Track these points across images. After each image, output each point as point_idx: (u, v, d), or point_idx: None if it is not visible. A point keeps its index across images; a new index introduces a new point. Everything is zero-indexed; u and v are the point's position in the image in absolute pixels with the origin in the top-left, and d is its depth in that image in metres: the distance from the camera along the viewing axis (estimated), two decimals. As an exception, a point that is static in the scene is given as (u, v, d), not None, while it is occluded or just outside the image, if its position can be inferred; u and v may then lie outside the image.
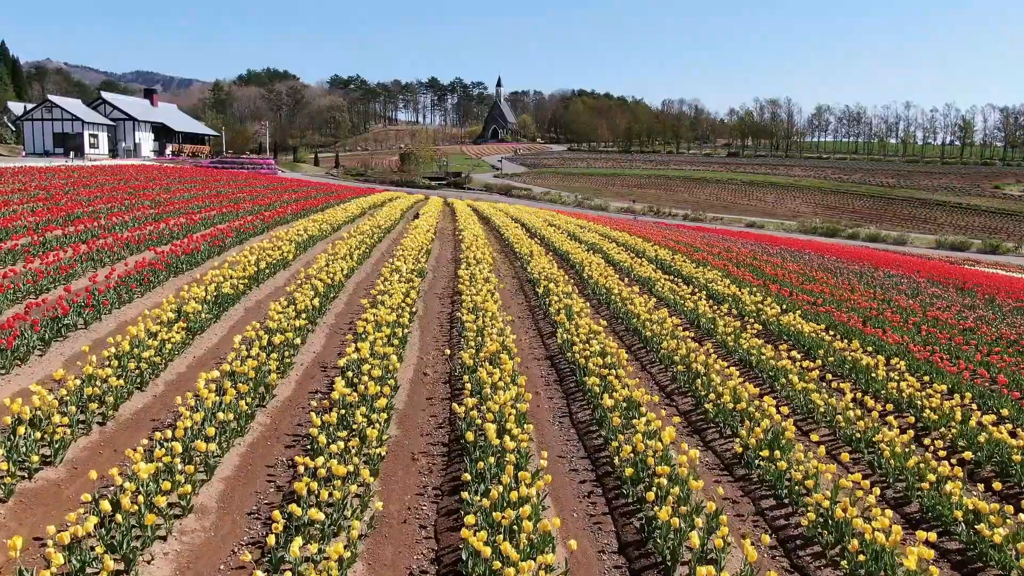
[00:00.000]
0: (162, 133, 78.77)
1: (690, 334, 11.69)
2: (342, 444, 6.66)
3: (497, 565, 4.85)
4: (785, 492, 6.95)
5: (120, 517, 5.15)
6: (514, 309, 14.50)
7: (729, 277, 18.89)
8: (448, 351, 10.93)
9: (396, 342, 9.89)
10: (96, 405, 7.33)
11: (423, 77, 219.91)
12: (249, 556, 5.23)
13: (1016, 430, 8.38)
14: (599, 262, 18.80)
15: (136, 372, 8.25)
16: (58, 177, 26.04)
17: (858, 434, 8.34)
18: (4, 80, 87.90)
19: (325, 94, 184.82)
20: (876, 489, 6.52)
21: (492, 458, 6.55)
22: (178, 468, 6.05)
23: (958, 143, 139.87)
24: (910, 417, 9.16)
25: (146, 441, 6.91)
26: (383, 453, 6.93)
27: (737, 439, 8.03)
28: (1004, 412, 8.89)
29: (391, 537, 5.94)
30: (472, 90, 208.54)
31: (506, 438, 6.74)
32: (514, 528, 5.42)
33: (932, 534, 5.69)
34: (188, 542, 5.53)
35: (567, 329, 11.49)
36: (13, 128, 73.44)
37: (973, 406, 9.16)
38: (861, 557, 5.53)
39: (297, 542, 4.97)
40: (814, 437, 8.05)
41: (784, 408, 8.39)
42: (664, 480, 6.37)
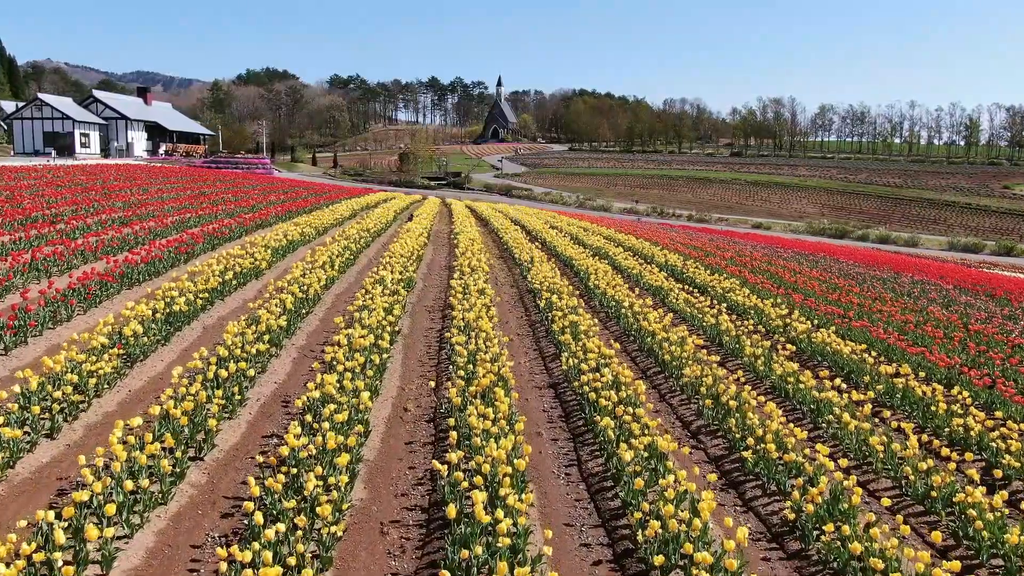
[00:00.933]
0: (156, 132, 77.25)
1: (715, 358, 10.13)
2: (288, 523, 5.12)
3: None
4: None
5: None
6: (512, 324, 12.95)
7: (747, 286, 17.34)
8: (434, 380, 9.37)
9: (371, 372, 8.34)
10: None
11: (423, 77, 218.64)
12: None
13: None
14: (605, 269, 17.25)
15: (46, 416, 6.71)
16: (30, 177, 24.50)
17: (933, 491, 6.79)
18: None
19: (325, 94, 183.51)
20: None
21: (480, 546, 4.98)
22: (57, 565, 4.50)
23: (964, 143, 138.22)
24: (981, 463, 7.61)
25: (41, 513, 5.37)
26: (339, 533, 5.37)
27: (788, 501, 6.48)
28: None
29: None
30: (472, 90, 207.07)
31: (499, 511, 5.19)
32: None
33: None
34: None
35: (573, 352, 9.94)
36: (5, 127, 71.98)
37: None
38: None
39: None
40: (885, 502, 6.48)
41: (843, 460, 6.82)
42: (706, 577, 4.83)
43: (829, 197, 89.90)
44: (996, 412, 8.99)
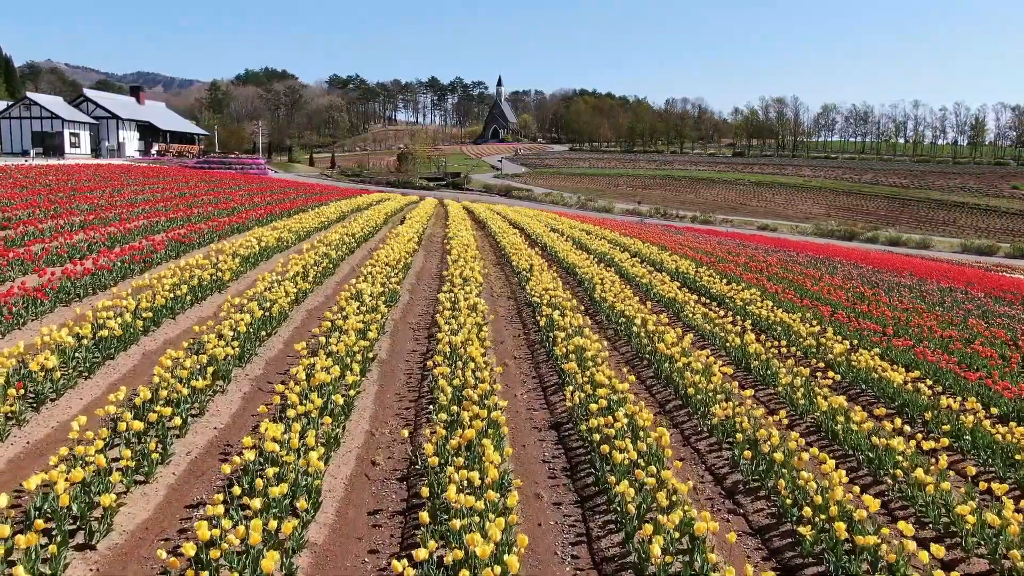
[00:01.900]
0: (149, 132, 75.74)
1: (749, 393, 8.52)
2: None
3: None
4: None
5: None
6: (509, 345, 11.35)
7: (768, 296, 15.74)
8: (412, 422, 7.77)
9: (328, 420, 6.73)
10: None
11: (423, 77, 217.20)
12: None
13: None
14: (612, 278, 15.65)
15: None
16: (-5, 178, 22.95)
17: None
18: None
19: (324, 94, 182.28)
20: None
21: None
22: None
23: (969, 143, 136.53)
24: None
25: None
26: None
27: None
28: None
29: None
30: (472, 90, 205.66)
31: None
32: None
33: None
34: None
35: (579, 384, 8.35)
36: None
37: None
38: None
39: None
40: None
41: (937, 547, 5.20)
42: None
43: (835, 198, 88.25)
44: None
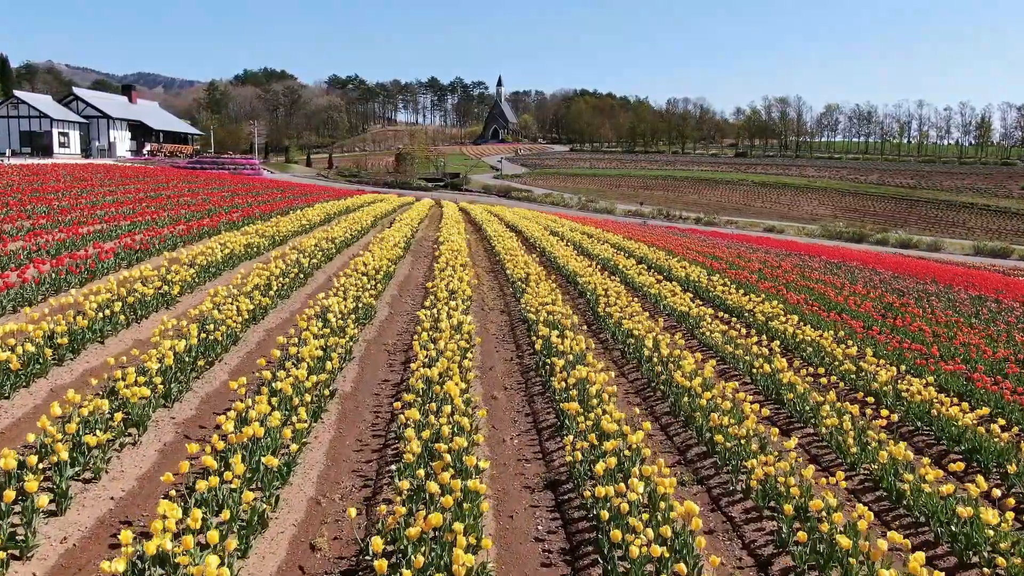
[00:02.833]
0: (141, 132, 74.17)
1: (792, 444, 6.92)
2: None
3: None
4: None
5: None
6: (498, 372, 9.74)
7: (789, 308, 14.14)
8: (371, 487, 6.17)
9: (249, 497, 5.11)
10: None
11: (423, 77, 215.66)
12: None
13: None
14: (617, 289, 14.04)
15: None
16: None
17: None
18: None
19: (323, 94, 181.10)
20: None
21: None
22: None
23: (973, 142, 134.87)
24: None
25: None
26: None
27: None
28: None
29: None
30: (472, 90, 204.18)
31: None
32: None
33: None
34: None
35: (582, 431, 6.77)
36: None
37: None
38: None
39: None
40: None
41: None
42: None
43: (840, 198, 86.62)
44: None
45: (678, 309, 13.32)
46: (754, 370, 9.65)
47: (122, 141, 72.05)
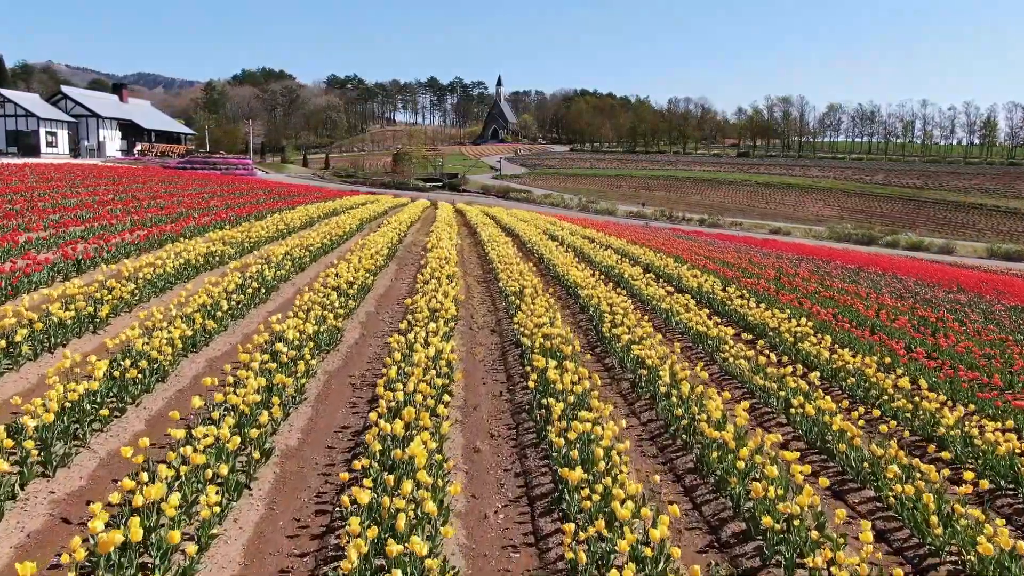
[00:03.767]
0: (131, 131, 72.61)
1: (869, 542, 5.26)
2: None
3: None
4: None
5: None
6: (484, 410, 8.10)
7: (822, 326, 12.50)
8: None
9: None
10: None
11: (422, 77, 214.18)
12: None
13: None
14: (624, 304, 12.40)
15: None
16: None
17: None
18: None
19: (322, 94, 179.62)
20: None
21: None
22: None
23: (980, 142, 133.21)
24: None
25: None
26: None
27: None
28: None
29: None
30: (472, 90, 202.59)
31: None
32: None
33: None
34: None
35: (588, 510, 5.16)
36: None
37: None
38: None
39: None
40: None
41: None
42: None
43: (846, 199, 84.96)
44: None
45: (693, 327, 11.68)
46: (792, 410, 8.01)
47: (112, 141, 70.47)
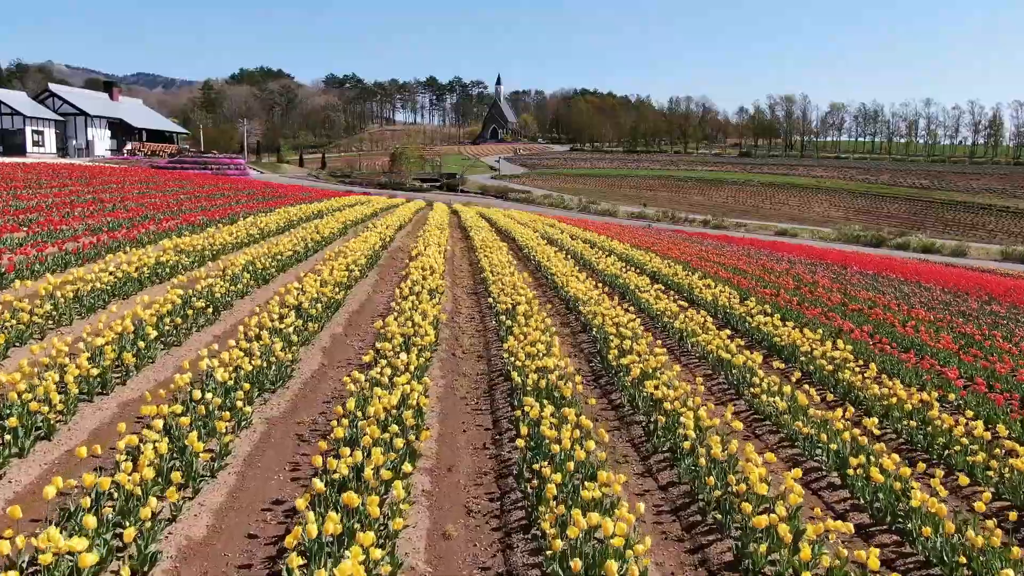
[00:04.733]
0: (121, 130, 70.95)
1: None
2: None
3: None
4: None
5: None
6: (462, 472, 6.40)
7: (862, 350, 10.83)
8: None
9: None
10: None
11: (421, 76, 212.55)
12: None
13: None
14: (633, 325, 10.71)
15: None
16: None
17: None
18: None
19: (320, 93, 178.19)
20: None
21: None
22: None
23: (984, 142, 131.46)
24: None
25: None
26: None
27: None
28: None
29: None
30: (471, 89, 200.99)
31: None
32: None
33: None
34: None
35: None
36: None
37: None
38: None
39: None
40: None
41: None
42: None
43: (852, 200, 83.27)
44: None
45: (715, 353, 10.01)
46: (851, 471, 6.33)
47: (101, 140, 68.83)
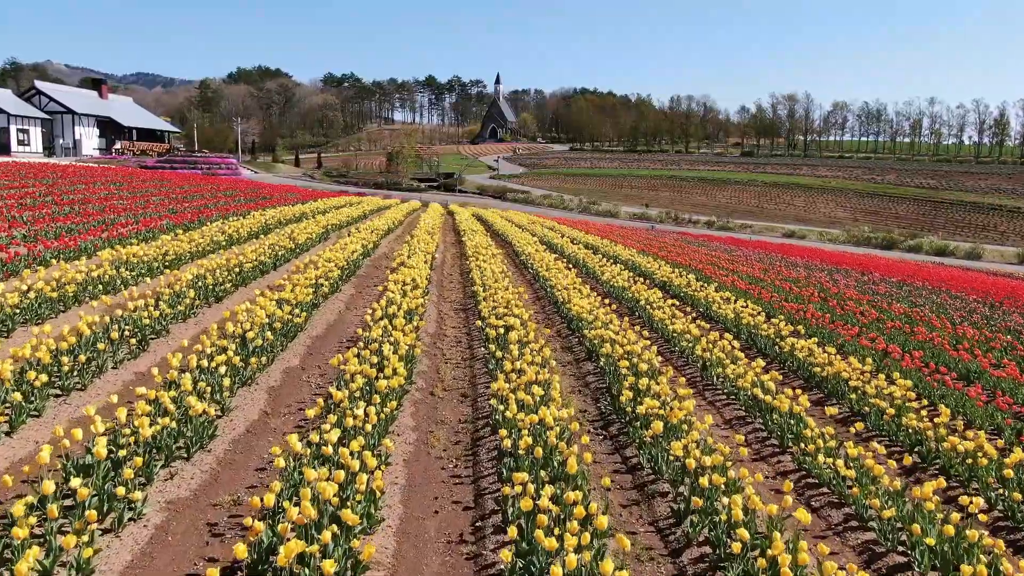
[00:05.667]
0: (110, 129, 69.17)
1: None
2: None
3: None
4: None
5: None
6: (433, 570, 4.72)
7: (917, 381, 9.14)
8: None
9: None
10: None
11: (420, 75, 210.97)
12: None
13: None
14: (650, 356, 8.99)
15: None
16: None
17: None
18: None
19: (318, 92, 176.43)
20: None
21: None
22: None
23: (990, 141, 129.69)
24: None
25: None
26: None
27: None
28: None
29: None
30: (470, 88, 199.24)
31: None
32: None
33: None
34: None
35: None
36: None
37: None
38: None
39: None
40: None
41: None
42: None
43: (859, 200, 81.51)
44: None
45: (745, 388, 8.31)
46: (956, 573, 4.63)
47: (89, 139, 67.09)
